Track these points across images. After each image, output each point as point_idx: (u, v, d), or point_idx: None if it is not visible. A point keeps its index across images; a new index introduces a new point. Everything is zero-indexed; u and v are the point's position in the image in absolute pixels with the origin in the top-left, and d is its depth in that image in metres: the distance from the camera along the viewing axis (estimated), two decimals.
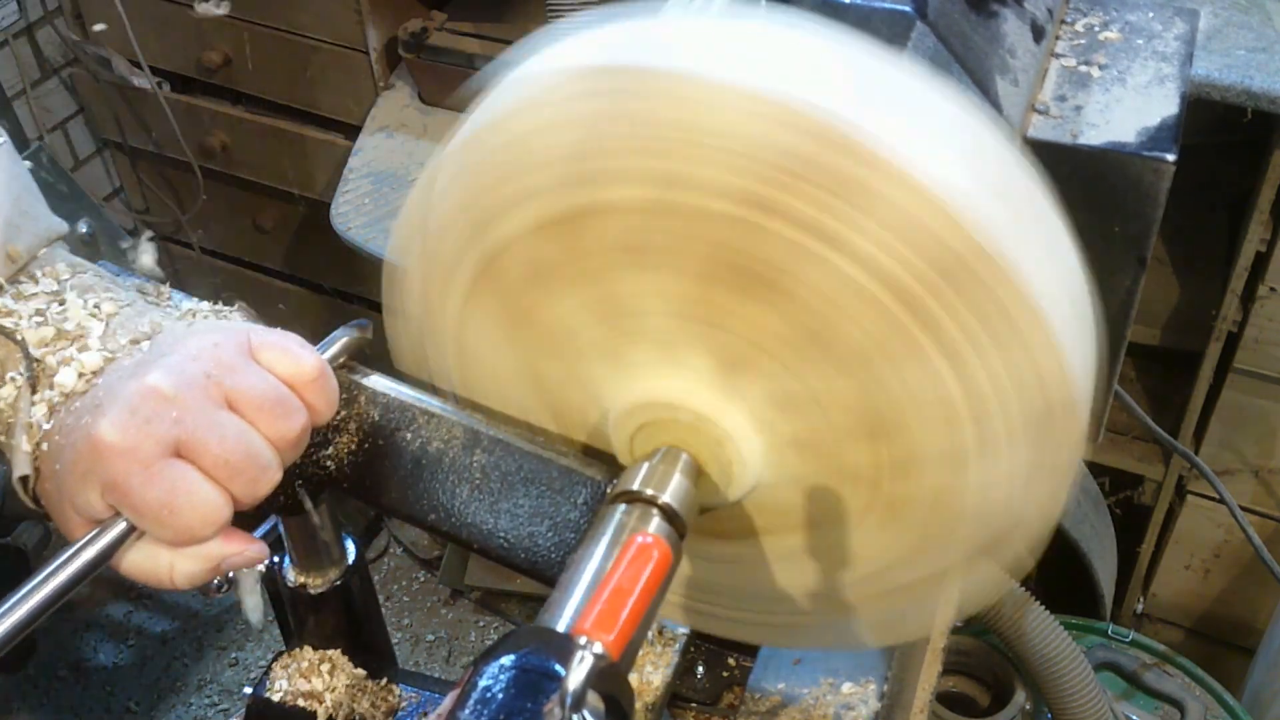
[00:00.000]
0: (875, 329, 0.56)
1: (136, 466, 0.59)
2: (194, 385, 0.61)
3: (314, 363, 0.65)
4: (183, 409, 0.60)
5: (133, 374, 0.62)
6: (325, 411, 0.66)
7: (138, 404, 0.60)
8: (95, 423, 0.60)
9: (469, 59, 2.03)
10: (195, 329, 0.66)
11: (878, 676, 0.81)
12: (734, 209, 0.55)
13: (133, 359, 0.64)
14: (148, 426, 0.59)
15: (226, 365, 0.62)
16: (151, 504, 0.60)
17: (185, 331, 0.66)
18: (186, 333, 0.66)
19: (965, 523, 0.62)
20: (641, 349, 0.63)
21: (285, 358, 0.65)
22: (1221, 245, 1.85)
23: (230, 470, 0.61)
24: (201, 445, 0.60)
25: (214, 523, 0.61)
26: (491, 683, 0.50)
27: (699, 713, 0.86)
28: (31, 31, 2.39)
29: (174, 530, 0.61)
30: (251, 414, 0.62)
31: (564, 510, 0.68)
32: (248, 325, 0.68)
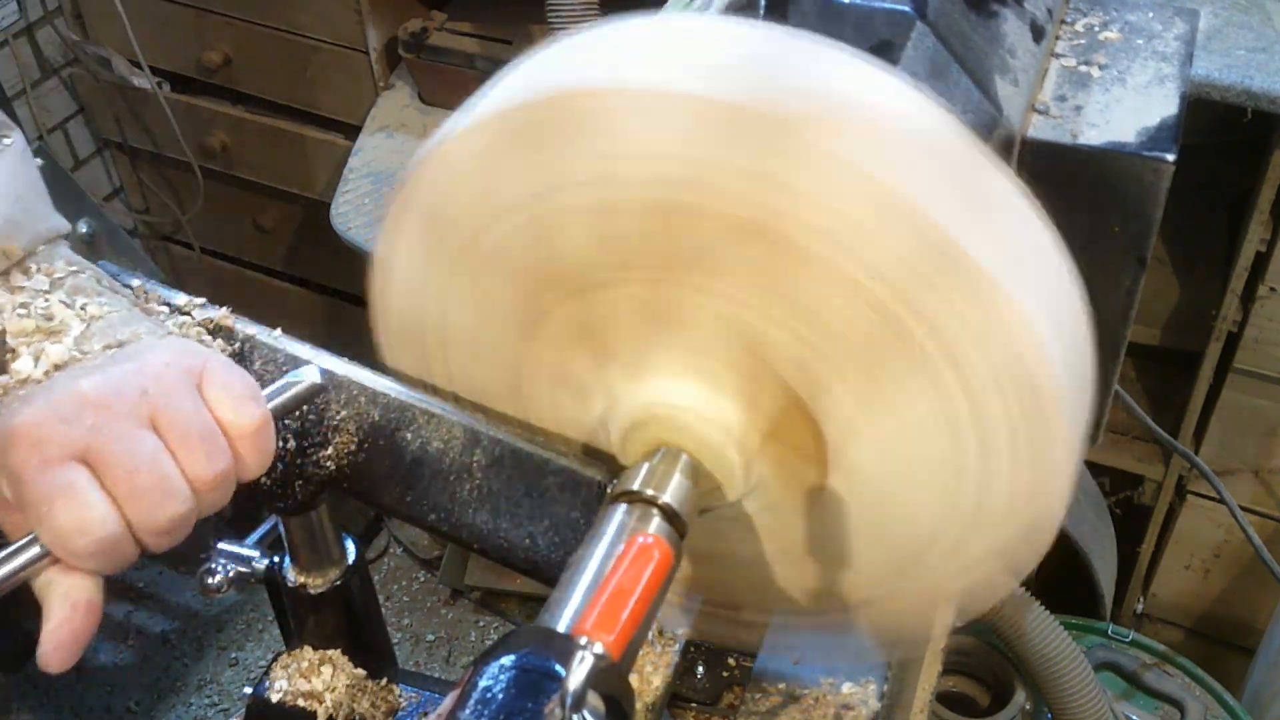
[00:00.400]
0: (873, 329, 0.56)
1: (36, 460, 0.58)
2: (124, 398, 0.59)
3: (255, 416, 0.63)
4: (103, 417, 0.58)
5: (74, 376, 0.61)
6: (255, 468, 0.63)
7: (60, 402, 0.59)
8: (19, 411, 0.59)
9: (469, 59, 2.03)
10: (160, 344, 0.65)
11: (878, 676, 0.81)
12: (658, 218, 0.57)
13: (93, 362, 0.63)
14: (62, 425, 0.58)
15: (167, 387, 0.60)
16: (37, 499, 0.58)
17: (150, 345, 0.65)
18: (150, 346, 0.64)
19: (965, 523, 0.62)
20: (640, 348, 0.63)
21: (228, 400, 0.62)
22: (1221, 245, 1.85)
23: (131, 489, 0.58)
24: (109, 455, 0.58)
25: (92, 534, 0.58)
26: (491, 683, 0.50)
27: (699, 713, 0.86)
28: (31, 31, 2.39)
29: (49, 532, 0.58)
30: (174, 443, 0.60)
31: (564, 510, 0.68)
32: (211, 353, 0.66)
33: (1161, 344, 1.85)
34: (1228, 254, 1.79)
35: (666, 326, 0.61)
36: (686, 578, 0.74)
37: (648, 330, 0.62)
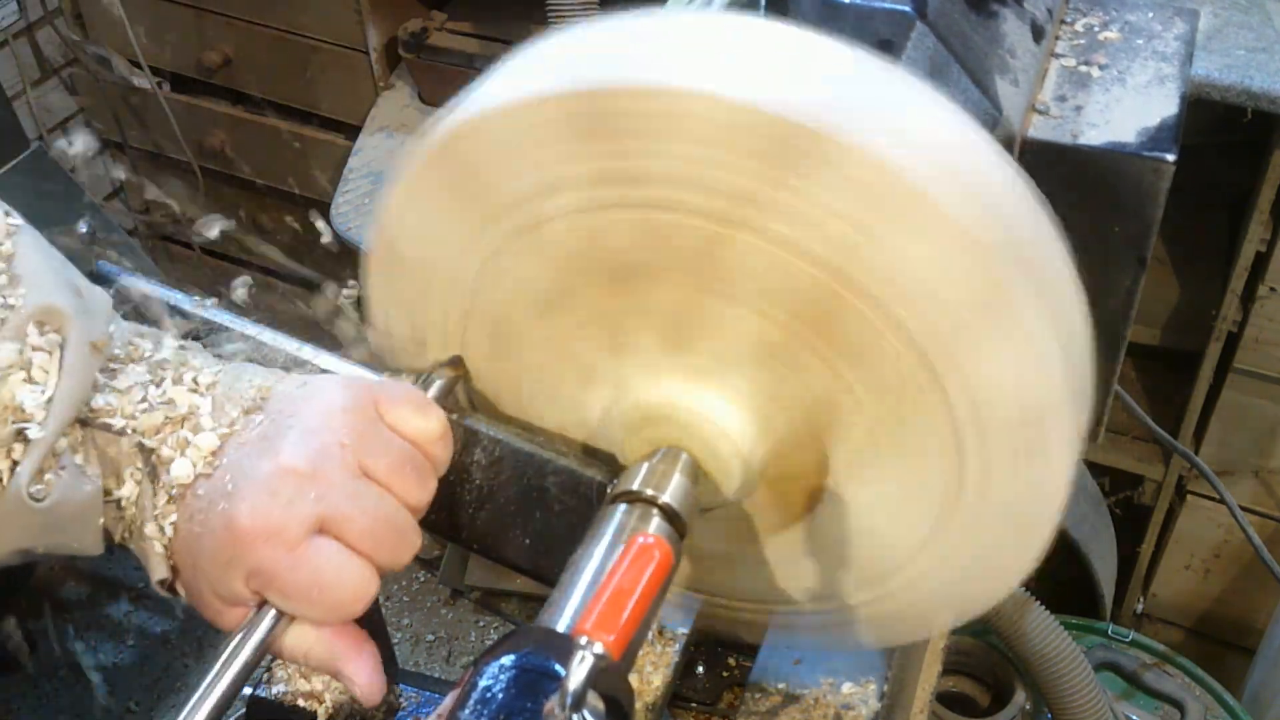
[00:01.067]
0: (909, 373, 0.56)
1: (282, 551, 0.58)
2: (330, 458, 0.59)
3: (440, 421, 0.64)
4: (322, 485, 0.58)
5: (262, 452, 0.60)
6: (445, 465, 0.65)
7: (276, 485, 0.58)
8: (233, 508, 0.58)
9: (469, 59, 2.03)
10: (312, 390, 0.63)
11: (878, 676, 0.81)
12: (714, 226, 0.56)
13: (252, 431, 0.61)
14: (290, 508, 0.58)
15: (359, 432, 0.60)
16: (301, 586, 0.59)
17: (302, 394, 0.63)
18: (304, 395, 0.63)
19: (965, 521, 0.62)
20: (643, 349, 0.63)
21: (415, 418, 0.63)
22: (1221, 245, 1.85)
23: (375, 541, 0.59)
24: (345, 520, 0.59)
25: (364, 596, 0.60)
26: (492, 683, 0.50)
27: (699, 713, 0.86)
28: (31, 31, 2.39)
29: (323, 608, 0.59)
30: (387, 480, 0.61)
31: (564, 510, 0.68)
32: (365, 380, 0.66)
33: (1161, 344, 1.85)
34: (1228, 254, 1.79)
35: (698, 331, 0.61)
36: (686, 576, 0.74)
37: (678, 330, 0.62)
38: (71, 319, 0.61)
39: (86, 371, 0.62)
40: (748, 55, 0.56)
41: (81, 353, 0.61)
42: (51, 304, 0.61)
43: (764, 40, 0.57)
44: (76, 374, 0.61)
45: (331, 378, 0.67)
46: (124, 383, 0.64)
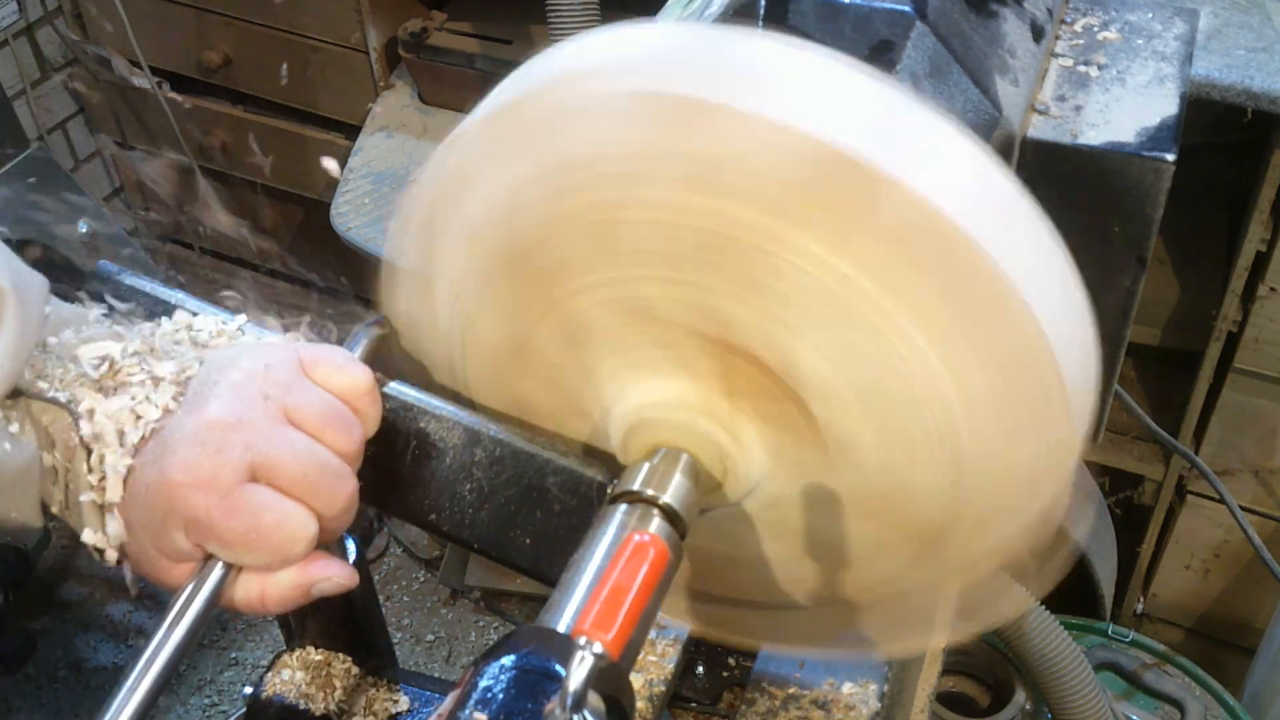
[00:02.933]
0: (868, 330, 0.56)
1: (215, 498, 0.59)
2: (255, 408, 0.61)
3: (365, 376, 0.65)
4: (249, 433, 0.60)
5: (190, 409, 0.61)
6: (375, 422, 0.66)
7: (205, 436, 0.60)
8: (165, 463, 0.60)
9: (469, 59, 2.03)
10: (238, 352, 0.65)
11: (878, 676, 0.81)
12: (747, 234, 0.56)
13: (185, 395, 0.63)
14: (219, 456, 0.59)
15: (282, 385, 0.62)
16: (238, 532, 0.59)
17: (228, 356, 0.65)
18: (230, 357, 0.65)
19: (966, 522, 0.62)
20: (644, 349, 0.63)
21: (338, 373, 0.65)
22: (1221, 245, 1.85)
23: (308, 484, 0.61)
24: (275, 464, 0.60)
25: (302, 539, 0.61)
26: (492, 683, 0.50)
27: (699, 713, 0.86)
28: (31, 31, 2.39)
29: (265, 553, 0.61)
30: (315, 429, 0.62)
31: (564, 510, 0.68)
32: (292, 343, 0.68)
33: (1161, 344, 1.85)
34: (1228, 254, 1.79)
35: (639, 324, 0.61)
36: (688, 577, 0.74)
37: (621, 331, 0.62)
38: (7, 292, 0.62)
39: (21, 343, 0.63)
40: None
41: (16, 326, 0.62)
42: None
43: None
44: (10, 346, 0.62)
45: (257, 343, 0.69)
46: (58, 356, 0.66)
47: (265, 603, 0.63)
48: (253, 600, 0.63)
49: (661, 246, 0.58)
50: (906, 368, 0.57)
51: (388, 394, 0.70)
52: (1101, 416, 0.83)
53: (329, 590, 0.64)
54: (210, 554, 0.61)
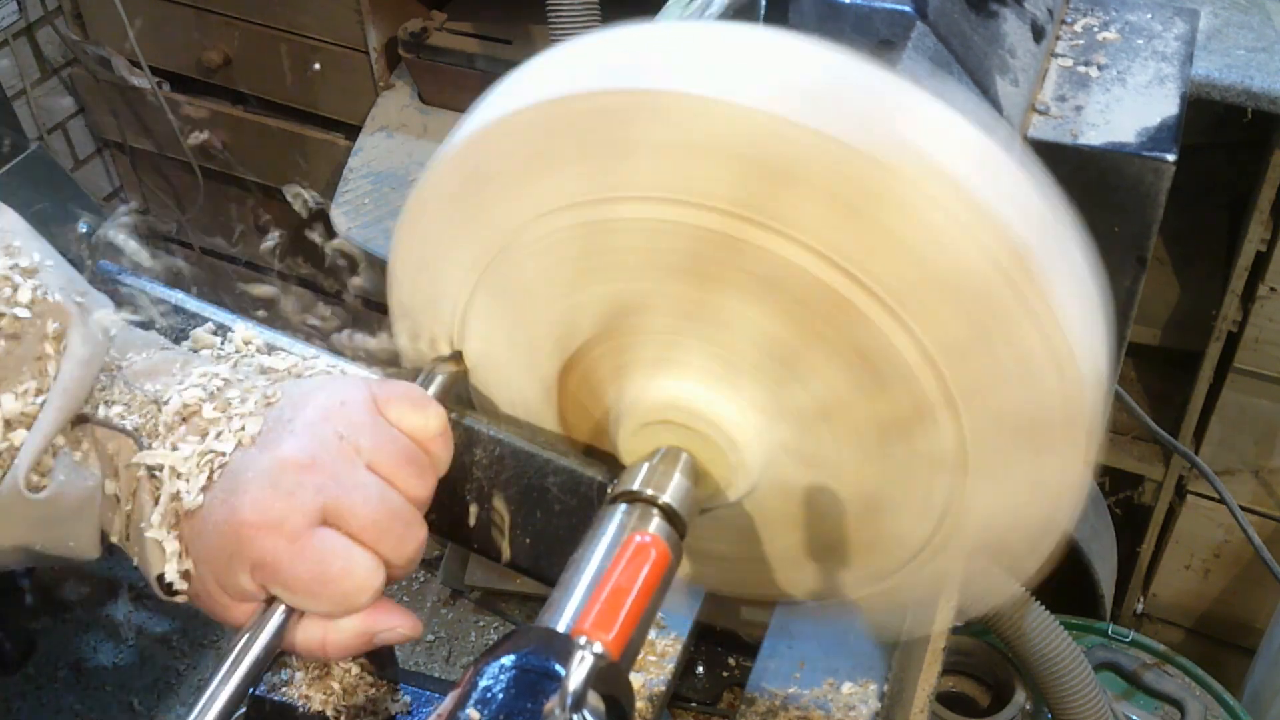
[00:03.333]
0: (869, 334, 0.56)
1: (284, 542, 0.58)
2: (329, 449, 0.59)
3: (440, 417, 0.64)
4: (322, 476, 0.58)
5: (262, 448, 0.60)
6: (446, 462, 0.65)
7: (277, 477, 0.58)
8: (236, 502, 0.58)
9: (469, 59, 2.04)
10: (310, 387, 0.64)
11: (878, 676, 0.81)
12: (725, 224, 0.55)
13: (255, 430, 0.61)
14: (291, 499, 0.58)
15: (358, 425, 0.60)
16: (304, 578, 0.58)
17: (300, 393, 0.63)
18: (302, 393, 0.63)
19: (967, 524, 0.62)
20: (644, 349, 0.63)
21: (413, 413, 0.63)
22: (1221, 245, 1.85)
23: (378, 531, 0.59)
24: (347, 510, 0.58)
25: (368, 588, 0.59)
26: (492, 683, 0.50)
27: (699, 713, 0.86)
28: (31, 31, 2.39)
29: (329, 601, 0.59)
30: (388, 473, 0.60)
31: (564, 510, 0.68)
32: (365, 377, 0.66)
33: (1161, 344, 1.85)
34: (1228, 254, 1.79)
35: (705, 333, 0.61)
36: (687, 576, 0.74)
37: (680, 327, 0.61)
38: (73, 316, 0.62)
39: (88, 369, 0.62)
40: (747, 60, 0.56)
41: (83, 350, 0.61)
42: (55, 301, 0.61)
43: (761, 46, 0.57)
44: (77, 370, 0.61)
45: (331, 377, 0.67)
46: (126, 381, 0.64)
47: (326, 649, 0.62)
48: (313, 646, 0.62)
49: (652, 248, 0.58)
50: (885, 342, 0.57)
51: None
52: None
53: (391, 640, 0.63)
54: (273, 596, 0.60)
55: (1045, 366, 0.55)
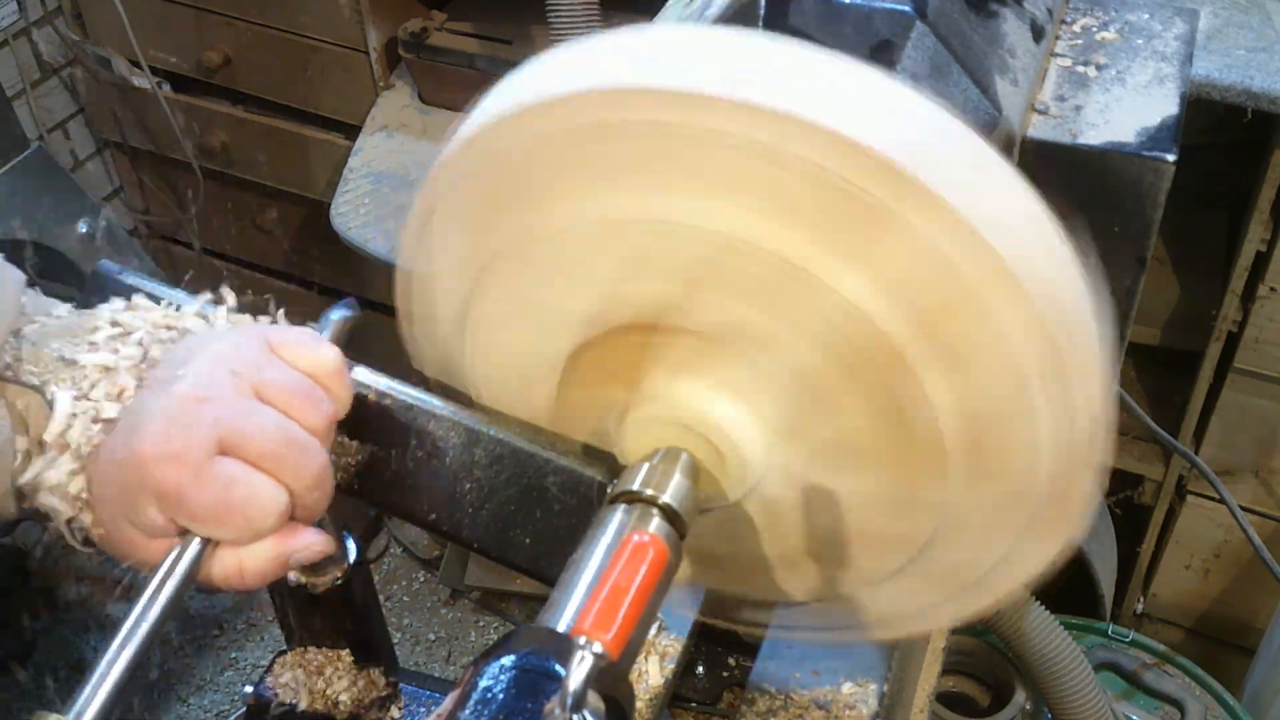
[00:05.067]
0: (911, 388, 0.56)
1: (186, 472, 0.59)
2: (223, 384, 0.62)
3: (334, 355, 0.66)
4: (219, 407, 0.61)
5: (160, 388, 0.62)
6: (346, 402, 0.67)
7: (174, 412, 0.60)
8: (135, 440, 0.60)
9: (469, 59, 2.03)
10: (208, 335, 0.67)
11: (878, 676, 0.81)
12: (804, 253, 0.56)
13: (152, 376, 0.64)
14: (189, 431, 0.60)
15: (251, 363, 0.63)
16: (209, 505, 0.60)
17: (199, 340, 0.66)
18: (200, 340, 0.66)
19: (969, 528, 0.62)
20: (675, 350, 0.63)
21: (305, 352, 0.65)
22: (1221, 245, 1.85)
23: (277, 458, 0.61)
24: (243, 437, 0.61)
25: (272, 512, 0.61)
26: (492, 683, 0.50)
27: (699, 713, 0.86)
28: (31, 31, 2.39)
29: (236, 527, 0.61)
30: (283, 405, 0.63)
31: (564, 510, 0.68)
32: (263, 325, 0.69)
33: (1161, 344, 1.85)
34: (1228, 254, 1.79)
35: (743, 346, 0.61)
36: (687, 576, 0.74)
37: (722, 337, 0.61)
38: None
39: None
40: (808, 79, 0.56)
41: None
42: None
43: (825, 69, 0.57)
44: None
45: (228, 327, 0.70)
46: (33, 342, 0.66)
47: (244, 576, 0.63)
48: (231, 575, 0.63)
49: (688, 256, 0.58)
50: (922, 398, 0.57)
51: (385, 390, 0.70)
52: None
53: (307, 558, 0.64)
54: (185, 530, 0.62)
55: (1060, 444, 0.57)
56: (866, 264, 0.55)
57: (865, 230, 0.54)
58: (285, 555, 0.64)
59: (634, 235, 0.59)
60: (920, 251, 0.53)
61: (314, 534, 0.64)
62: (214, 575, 0.63)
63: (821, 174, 0.53)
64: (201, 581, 0.63)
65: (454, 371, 0.72)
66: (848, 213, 0.53)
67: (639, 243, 0.59)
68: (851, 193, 0.53)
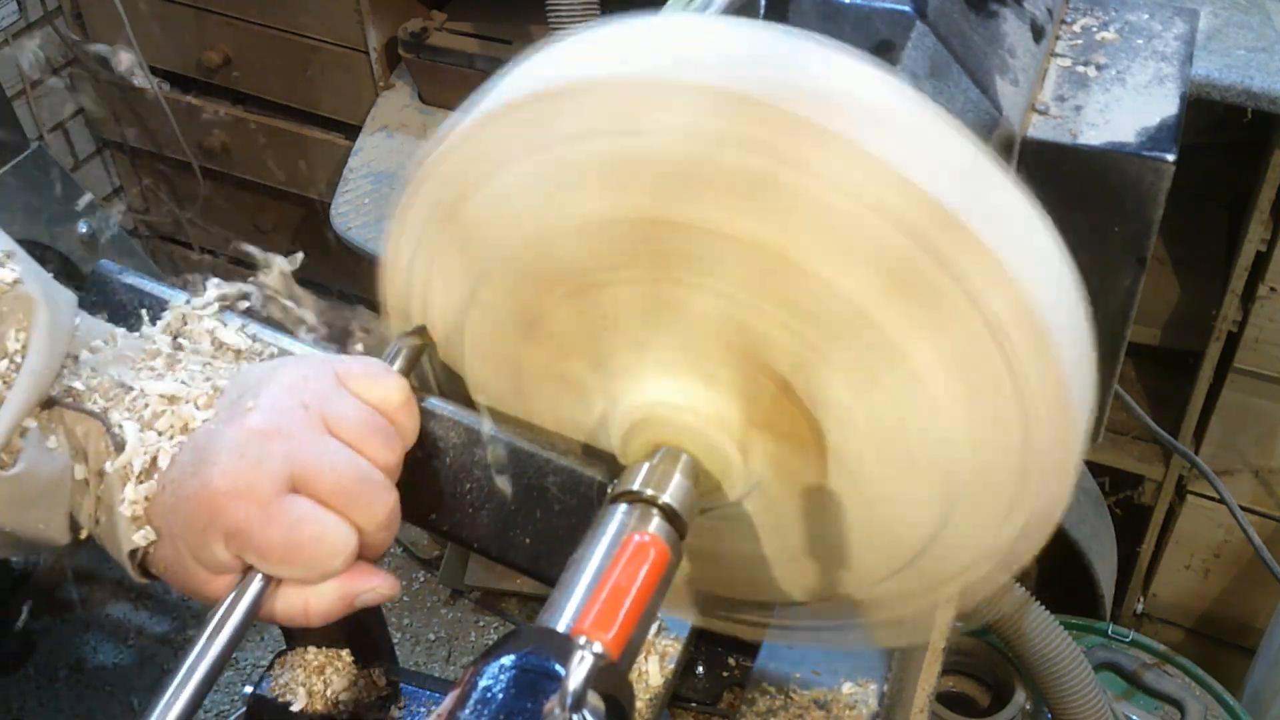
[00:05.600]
0: (873, 338, 0.56)
1: (255, 509, 0.58)
2: (295, 419, 0.60)
3: (402, 387, 0.65)
4: (290, 442, 0.59)
5: (229, 420, 0.61)
6: (412, 434, 0.66)
7: (244, 447, 0.59)
8: (205, 474, 0.59)
9: (469, 59, 2.04)
10: (274, 366, 0.65)
11: (878, 676, 0.81)
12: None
13: (218, 406, 0.63)
14: (259, 466, 0.59)
15: (320, 395, 0.62)
16: (277, 544, 0.59)
17: (265, 370, 0.65)
18: (267, 370, 0.64)
19: (963, 524, 0.62)
20: (665, 350, 0.63)
21: (375, 385, 0.64)
22: (1221, 245, 1.85)
23: (347, 497, 0.60)
24: (315, 475, 0.59)
25: (340, 553, 0.60)
26: (492, 683, 0.50)
27: (699, 713, 0.86)
28: (31, 31, 2.39)
29: (304, 566, 0.60)
30: (354, 440, 0.61)
31: (564, 510, 0.68)
32: (329, 355, 0.68)
33: (1161, 344, 1.85)
34: (1228, 254, 1.79)
35: (663, 325, 0.61)
36: (687, 577, 0.74)
37: (645, 329, 0.62)
38: (40, 303, 0.63)
39: (55, 353, 0.63)
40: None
41: (47, 334, 0.62)
42: (23, 289, 0.62)
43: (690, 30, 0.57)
44: (43, 353, 0.62)
45: (294, 356, 0.69)
46: (93, 368, 0.65)
47: (309, 615, 0.62)
48: (295, 613, 0.62)
49: (707, 256, 0.58)
50: (925, 407, 0.57)
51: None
52: (1101, 416, 0.83)
53: (372, 601, 0.63)
54: (250, 566, 0.61)
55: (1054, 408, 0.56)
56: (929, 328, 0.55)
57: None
58: (352, 596, 0.62)
59: (635, 240, 0.58)
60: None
61: (381, 577, 0.63)
62: (277, 612, 0.62)
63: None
64: (264, 618, 0.62)
65: (453, 369, 0.71)
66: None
67: (638, 250, 0.59)
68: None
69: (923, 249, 0.53)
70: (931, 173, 0.53)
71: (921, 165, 0.53)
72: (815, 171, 0.53)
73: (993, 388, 0.56)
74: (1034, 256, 0.56)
